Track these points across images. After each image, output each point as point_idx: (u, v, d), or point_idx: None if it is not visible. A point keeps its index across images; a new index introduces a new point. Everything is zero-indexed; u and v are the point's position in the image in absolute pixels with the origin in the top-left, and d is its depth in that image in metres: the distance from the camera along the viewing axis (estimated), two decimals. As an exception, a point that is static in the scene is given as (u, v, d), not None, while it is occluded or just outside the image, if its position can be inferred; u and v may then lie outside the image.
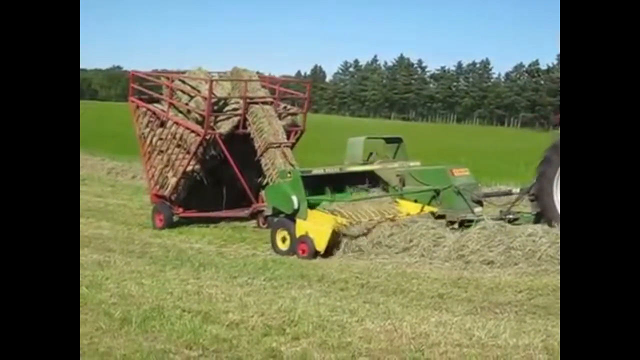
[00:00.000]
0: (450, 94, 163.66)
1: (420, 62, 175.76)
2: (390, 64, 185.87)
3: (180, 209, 18.38)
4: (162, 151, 18.57)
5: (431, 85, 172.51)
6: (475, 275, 12.14)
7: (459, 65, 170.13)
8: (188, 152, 18.03)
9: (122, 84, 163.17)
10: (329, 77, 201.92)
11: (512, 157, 37.71)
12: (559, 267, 12.21)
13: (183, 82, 19.10)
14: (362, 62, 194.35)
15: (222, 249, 14.77)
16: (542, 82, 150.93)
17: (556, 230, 13.26)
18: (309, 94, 20.91)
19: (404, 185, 17.03)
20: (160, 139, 18.59)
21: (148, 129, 18.88)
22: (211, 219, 18.27)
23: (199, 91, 18.44)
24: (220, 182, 18.65)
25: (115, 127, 52.58)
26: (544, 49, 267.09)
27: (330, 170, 16.72)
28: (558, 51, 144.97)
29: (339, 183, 16.57)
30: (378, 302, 10.13)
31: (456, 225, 15.75)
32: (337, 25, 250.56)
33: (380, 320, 8.71)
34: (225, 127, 18.06)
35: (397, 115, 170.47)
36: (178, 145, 18.31)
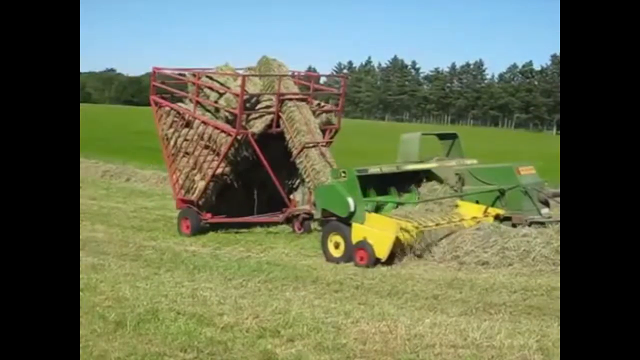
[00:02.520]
0: (444, 95, 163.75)
1: (414, 63, 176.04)
2: (384, 65, 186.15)
3: (209, 215, 17.45)
4: (188, 153, 17.68)
5: (425, 87, 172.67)
6: (469, 276, 12.15)
7: (453, 66, 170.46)
8: (217, 154, 17.10)
9: (115, 87, 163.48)
10: (322, 79, 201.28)
11: (511, 158, 37.78)
12: (553, 267, 12.25)
13: (211, 78, 18.07)
14: (356, 64, 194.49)
15: (216, 252, 14.71)
16: (536, 83, 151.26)
17: (550, 231, 13.26)
18: (344, 89, 19.97)
19: (463, 184, 15.89)
20: (186, 140, 17.70)
21: (172, 130, 17.97)
22: (241, 225, 17.52)
23: (228, 88, 17.41)
24: (250, 185, 17.85)
25: (109, 130, 52.64)
26: (538, 50, 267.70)
27: (388, 169, 15.58)
28: (554, 52, 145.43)
29: (395, 183, 15.56)
30: (373, 303, 10.14)
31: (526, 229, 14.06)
32: (331, 26, 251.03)
33: (375, 322, 8.70)
34: (258, 126, 16.92)
35: (391, 117, 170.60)
36: (206, 147, 17.41)
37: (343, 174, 14.39)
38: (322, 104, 18.95)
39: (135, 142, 44.63)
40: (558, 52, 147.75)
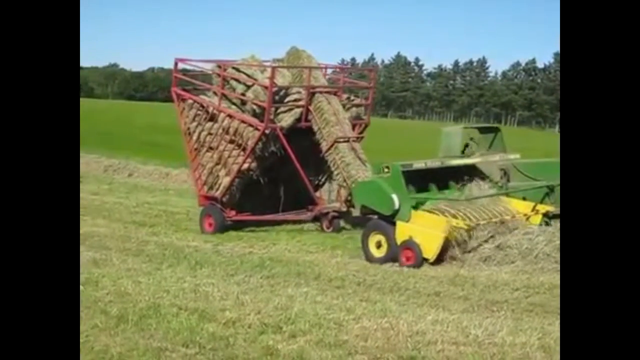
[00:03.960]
0: (447, 92, 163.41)
1: (417, 60, 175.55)
2: (387, 62, 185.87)
3: (233, 212, 16.99)
4: (212, 148, 17.21)
5: (428, 84, 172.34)
6: (471, 274, 12.15)
7: (456, 63, 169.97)
8: (244, 149, 16.60)
9: (118, 82, 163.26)
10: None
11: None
12: (555, 265, 12.22)
13: (238, 70, 17.41)
14: (359, 60, 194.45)
15: (218, 247, 14.70)
16: (539, 80, 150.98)
17: (552, 229, 13.23)
18: (374, 83, 19.46)
19: (508, 180, 15.26)
20: (210, 134, 17.25)
21: (195, 124, 17.53)
22: (266, 223, 17.14)
23: (255, 80, 16.80)
24: (276, 181, 17.35)
25: (111, 125, 52.61)
26: (541, 47, 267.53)
27: (432, 163, 14.85)
28: (557, 50, 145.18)
29: (436, 178, 14.71)
30: (375, 300, 10.14)
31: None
32: (334, 23, 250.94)
33: (376, 318, 8.70)
34: (287, 120, 16.40)
35: (393, 113, 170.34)
36: (231, 141, 16.93)
37: (386, 169, 13.86)
38: (352, 97, 18.47)
39: (138, 137, 44.62)
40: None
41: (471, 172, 15.15)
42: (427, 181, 14.45)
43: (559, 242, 12.59)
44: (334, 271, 12.31)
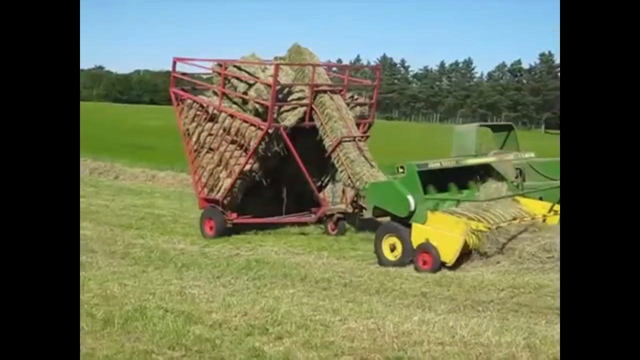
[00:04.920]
0: (433, 93, 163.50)
1: (403, 61, 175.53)
2: (373, 63, 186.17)
3: (234, 215, 16.50)
4: (212, 149, 16.74)
5: (414, 85, 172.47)
6: (457, 274, 12.16)
7: (442, 64, 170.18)
8: (246, 149, 16.15)
9: (104, 84, 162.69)
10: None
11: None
12: (541, 265, 12.26)
13: (239, 68, 17.00)
14: (345, 62, 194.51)
15: (205, 249, 14.65)
16: (525, 81, 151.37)
17: (536, 229, 13.23)
18: (378, 81, 18.96)
19: (524, 179, 14.87)
20: (210, 134, 16.77)
21: (194, 124, 17.06)
22: (268, 226, 16.80)
23: (257, 78, 16.33)
24: (278, 183, 16.94)
25: (97, 128, 52.42)
26: (526, 48, 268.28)
27: (447, 163, 14.35)
28: (543, 50, 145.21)
29: (449, 178, 14.31)
30: (361, 301, 10.16)
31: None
32: (320, 24, 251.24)
33: (363, 319, 8.72)
34: (290, 119, 15.92)
35: (380, 115, 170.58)
36: (233, 142, 16.44)
37: (401, 169, 13.46)
38: (356, 96, 18.03)
39: (124, 139, 44.55)
40: (547, 51, 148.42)
41: (486, 172, 14.86)
42: (441, 181, 14.08)
43: (543, 242, 12.63)
44: (320, 272, 12.30)
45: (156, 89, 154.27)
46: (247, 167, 16.19)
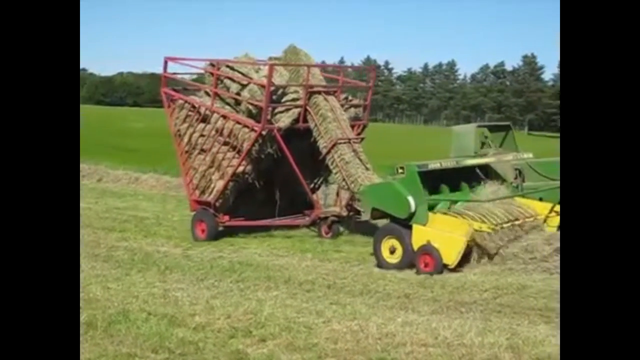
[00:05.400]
0: (417, 95, 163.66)
1: (387, 63, 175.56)
2: (356, 65, 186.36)
3: (226, 217, 16.30)
4: (204, 150, 16.51)
5: (398, 87, 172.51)
6: (441, 275, 12.19)
7: (426, 66, 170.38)
8: (239, 151, 15.95)
9: (87, 87, 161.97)
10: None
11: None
12: (523, 265, 12.31)
13: (232, 68, 16.73)
14: (329, 64, 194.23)
15: (188, 252, 14.61)
16: (508, 83, 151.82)
17: (519, 229, 13.24)
18: (373, 82, 18.79)
19: (523, 180, 14.69)
20: (202, 135, 16.53)
21: (186, 125, 16.80)
22: (261, 228, 16.66)
23: (251, 78, 16.11)
24: (271, 185, 16.71)
25: (80, 130, 52.11)
26: (509, 50, 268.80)
27: (447, 163, 14.22)
28: (526, 52, 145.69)
29: (448, 178, 14.10)
30: (344, 302, 10.16)
31: None
32: (303, 26, 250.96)
33: (346, 321, 8.73)
34: (284, 120, 15.76)
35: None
36: (225, 143, 16.22)
37: (400, 170, 13.24)
38: (350, 97, 17.91)
39: (107, 142, 44.35)
40: (529, 53, 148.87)
41: (485, 172, 14.70)
42: (439, 182, 13.91)
43: (525, 243, 12.67)
44: (304, 275, 12.31)
45: (139, 91, 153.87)
46: (240, 168, 16.00)
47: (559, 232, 13.07)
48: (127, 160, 32.33)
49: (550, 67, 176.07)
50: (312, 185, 17.20)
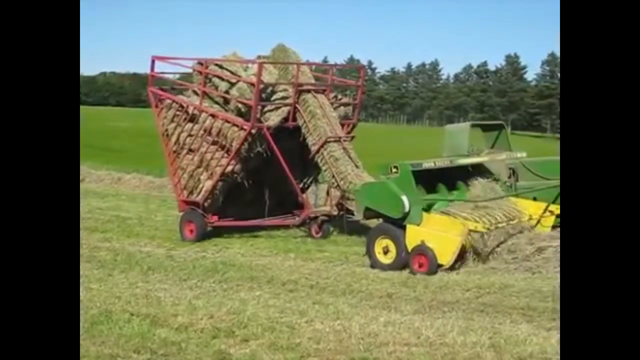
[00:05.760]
0: (400, 95, 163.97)
1: (370, 63, 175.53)
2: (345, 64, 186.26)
3: (215, 218, 16.14)
4: (192, 150, 16.33)
5: (381, 87, 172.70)
6: (423, 275, 12.20)
7: (409, 66, 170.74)
8: (228, 150, 15.79)
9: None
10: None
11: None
12: (506, 265, 12.34)
13: (220, 67, 16.53)
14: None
15: (171, 252, 14.56)
16: (491, 83, 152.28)
17: (501, 229, 13.26)
18: (362, 80, 18.63)
19: (517, 179, 14.66)
20: (190, 135, 16.35)
21: (174, 125, 16.61)
22: (249, 229, 16.53)
23: (239, 77, 15.99)
24: (260, 184, 16.50)
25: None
26: (492, 50, 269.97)
27: (441, 163, 14.03)
28: (509, 52, 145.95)
29: (441, 178, 13.95)
30: (327, 302, 10.16)
31: None
32: (286, 26, 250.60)
33: (329, 321, 8.74)
34: (274, 119, 15.59)
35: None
36: (214, 142, 16.07)
37: (394, 169, 13.05)
38: (339, 96, 17.76)
39: (90, 142, 44.13)
40: (512, 53, 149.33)
41: (478, 172, 14.54)
42: (433, 181, 13.79)
43: (509, 242, 12.72)
44: (287, 274, 12.31)
45: (122, 91, 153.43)
46: (229, 168, 15.87)
47: (543, 232, 13.16)
48: (110, 160, 32.24)
49: (533, 67, 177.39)
50: (301, 185, 17.07)
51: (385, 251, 12.96)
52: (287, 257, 14.07)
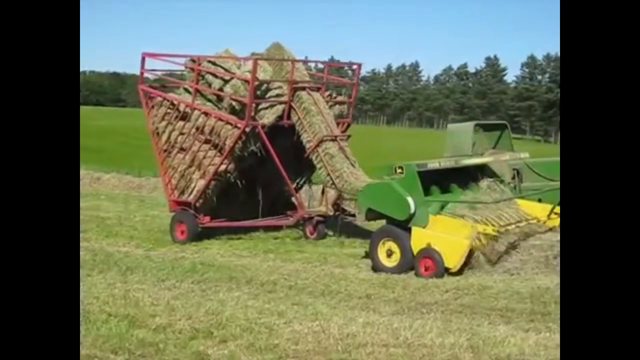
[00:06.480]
0: (380, 96, 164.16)
1: (350, 64, 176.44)
2: (321, 66, 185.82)
3: (207, 218, 15.98)
4: (183, 149, 16.11)
5: (361, 88, 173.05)
6: (402, 276, 12.24)
7: (389, 67, 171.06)
8: (221, 149, 15.59)
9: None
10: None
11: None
12: (485, 266, 12.35)
13: (214, 63, 16.37)
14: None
15: (149, 252, 14.54)
16: (471, 84, 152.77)
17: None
18: (357, 78, 18.44)
19: (521, 180, 14.53)
20: (182, 133, 16.11)
21: (164, 123, 16.41)
22: (241, 229, 16.27)
23: (234, 74, 15.84)
24: (253, 184, 16.32)
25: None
26: (472, 52, 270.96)
27: (447, 163, 13.71)
28: (488, 54, 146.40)
29: (443, 178, 13.58)
30: (306, 303, 10.16)
31: None
32: (266, 26, 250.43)
33: (308, 322, 8.71)
34: (268, 117, 15.42)
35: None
36: (207, 141, 15.86)
37: (399, 170, 12.72)
38: (334, 94, 17.52)
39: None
40: (492, 54, 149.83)
41: (482, 172, 14.25)
42: (431, 182, 13.31)
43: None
44: (266, 275, 12.29)
45: (102, 90, 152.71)
46: (222, 167, 15.63)
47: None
48: (88, 159, 32.03)
49: (513, 69, 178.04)
50: (294, 185, 16.87)
51: (389, 254, 12.71)
52: (266, 258, 14.07)
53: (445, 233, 12.13)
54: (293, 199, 16.59)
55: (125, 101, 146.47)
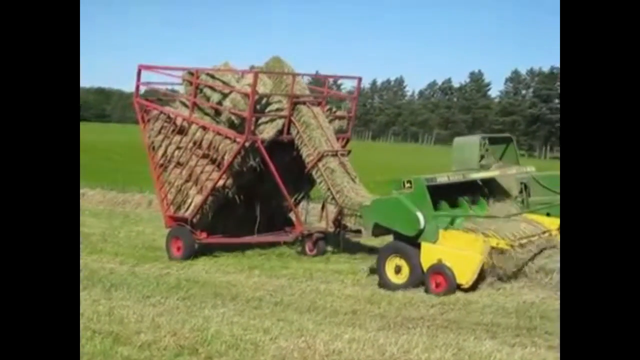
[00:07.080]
0: (365, 111, 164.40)
1: (335, 80, 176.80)
2: (306, 81, 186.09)
3: (204, 234, 15.63)
4: (180, 163, 15.82)
5: (347, 102, 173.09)
6: (388, 291, 12.22)
7: (374, 82, 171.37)
8: (219, 164, 15.27)
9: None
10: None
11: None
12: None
13: (212, 77, 16.07)
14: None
15: (135, 269, 14.45)
16: (455, 99, 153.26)
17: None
18: (358, 92, 18.14)
19: (529, 194, 14.18)
20: (179, 148, 15.80)
21: (161, 137, 16.10)
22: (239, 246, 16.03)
23: (232, 87, 15.50)
24: (251, 200, 16.06)
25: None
26: (457, 67, 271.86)
27: (455, 177, 13.41)
28: (472, 69, 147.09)
29: (458, 192, 13.38)
30: (292, 319, 10.13)
31: None
32: (251, 41, 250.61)
33: (293, 338, 8.67)
34: (268, 131, 15.13)
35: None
36: (204, 156, 15.56)
37: (408, 184, 12.40)
38: (334, 109, 17.31)
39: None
40: (476, 69, 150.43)
41: (489, 186, 14.15)
42: (439, 197, 12.96)
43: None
44: (252, 291, 12.25)
45: (87, 105, 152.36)
46: (220, 182, 15.36)
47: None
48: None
49: (497, 84, 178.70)
50: (292, 201, 16.59)
51: (397, 270, 12.47)
52: (251, 274, 14.01)
53: (456, 248, 11.91)
54: (292, 215, 16.38)
55: (110, 116, 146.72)
